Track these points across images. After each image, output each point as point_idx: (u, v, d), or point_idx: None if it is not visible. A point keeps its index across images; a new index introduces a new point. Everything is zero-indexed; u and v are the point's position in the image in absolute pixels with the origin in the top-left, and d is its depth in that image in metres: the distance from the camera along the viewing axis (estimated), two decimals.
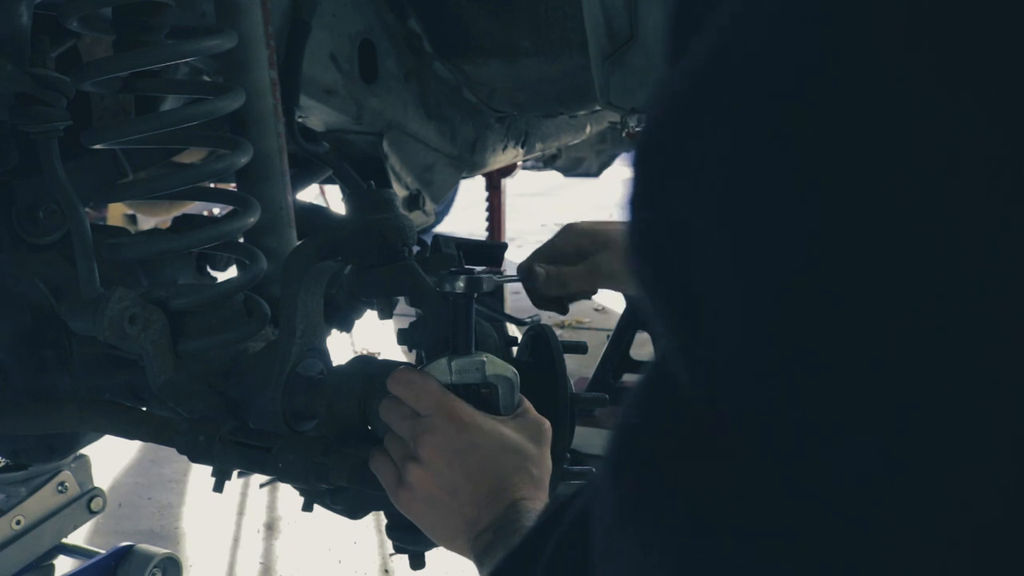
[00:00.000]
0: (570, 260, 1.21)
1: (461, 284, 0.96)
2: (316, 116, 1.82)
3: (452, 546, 0.89)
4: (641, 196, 0.38)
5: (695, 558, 0.34)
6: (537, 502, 0.85)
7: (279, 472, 1.08)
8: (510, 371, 0.95)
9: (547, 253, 1.23)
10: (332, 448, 1.06)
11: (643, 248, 0.37)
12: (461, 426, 0.87)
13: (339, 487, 1.08)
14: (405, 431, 0.89)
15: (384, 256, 1.09)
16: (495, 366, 0.95)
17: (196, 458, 1.14)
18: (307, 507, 1.16)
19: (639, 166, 0.37)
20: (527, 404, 0.94)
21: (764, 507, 0.33)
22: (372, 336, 4.14)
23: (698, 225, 0.34)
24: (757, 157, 0.32)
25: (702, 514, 0.34)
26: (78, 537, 2.21)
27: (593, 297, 1.34)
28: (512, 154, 2.49)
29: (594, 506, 0.42)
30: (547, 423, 0.93)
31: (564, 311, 1.28)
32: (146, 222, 3.08)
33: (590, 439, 3.08)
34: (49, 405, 1.30)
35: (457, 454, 0.86)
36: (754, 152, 0.32)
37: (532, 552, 0.53)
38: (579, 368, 3.28)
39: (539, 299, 1.30)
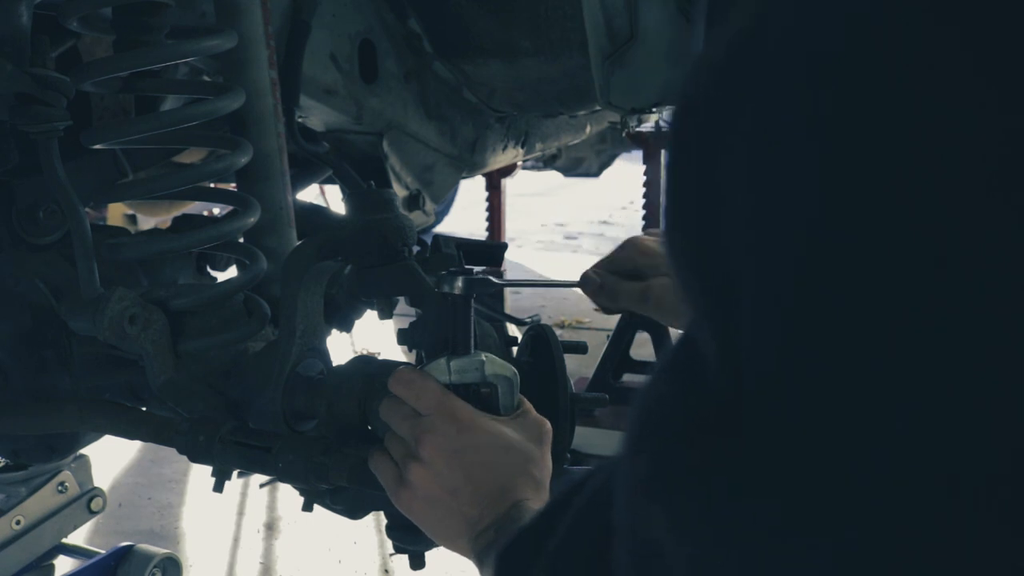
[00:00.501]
0: (628, 275, 1.19)
1: (459, 284, 0.96)
2: (316, 116, 1.82)
3: (453, 546, 0.89)
4: (677, 162, 0.38)
5: (723, 529, 0.35)
6: (538, 503, 0.85)
7: (279, 472, 1.08)
8: (510, 371, 0.95)
9: (607, 263, 1.22)
10: (332, 448, 1.06)
11: (677, 218, 0.38)
12: (461, 426, 0.87)
13: (339, 487, 1.08)
14: (405, 431, 0.89)
15: (384, 256, 1.09)
16: (494, 366, 0.95)
17: (196, 458, 1.14)
18: (307, 507, 1.16)
19: (676, 132, 0.38)
20: (527, 404, 0.94)
21: (788, 481, 0.33)
22: (372, 336, 4.14)
23: (728, 195, 0.34)
24: (778, 135, 0.33)
25: (729, 488, 0.35)
26: (78, 537, 2.21)
27: None
28: (512, 154, 2.49)
29: (616, 479, 0.43)
30: (547, 423, 0.93)
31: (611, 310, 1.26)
32: (146, 222, 3.08)
33: (590, 439, 3.08)
34: (49, 405, 1.30)
35: (457, 454, 0.86)
36: (775, 129, 0.33)
37: (547, 526, 0.54)
38: (579, 368, 3.28)
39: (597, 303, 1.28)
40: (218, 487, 1.16)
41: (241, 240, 1.36)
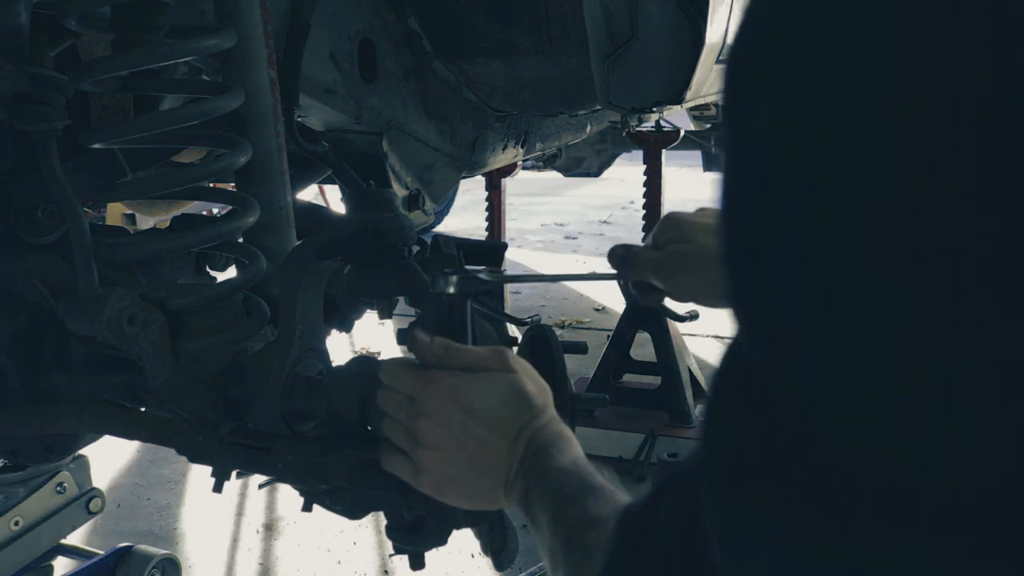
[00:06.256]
0: (657, 246, 1.15)
1: (453, 284, 0.96)
2: (315, 115, 1.81)
3: (495, 505, 0.90)
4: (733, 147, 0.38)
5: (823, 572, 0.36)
6: (546, 422, 0.87)
7: (278, 472, 1.08)
8: None
9: (652, 240, 1.18)
10: (331, 449, 1.06)
11: (732, 249, 0.38)
12: (445, 400, 0.87)
13: (339, 487, 1.07)
14: (403, 418, 0.90)
15: (384, 256, 1.09)
16: None
17: (195, 458, 1.14)
18: (307, 507, 1.16)
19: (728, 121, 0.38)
20: (470, 349, 0.93)
21: (872, 524, 0.34)
22: (372, 336, 4.13)
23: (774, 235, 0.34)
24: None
25: (821, 534, 0.36)
26: (77, 538, 2.21)
27: (593, 297, 1.32)
28: (512, 154, 2.49)
29: (705, 515, 0.44)
30: (500, 347, 0.94)
31: (653, 303, 1.20)
32: (145, 222, 3.07)
33: (590, 439, 3.08)
34: (48, 407, 1.30)
35: (455, 427, 0.87)
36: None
37: (641, 531, 0.56)
38: (579, 368, 3.28)
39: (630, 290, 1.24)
40: (217, 488, 1.16)
41: (240, 240, 1.35)
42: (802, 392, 0.35)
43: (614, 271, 1.18)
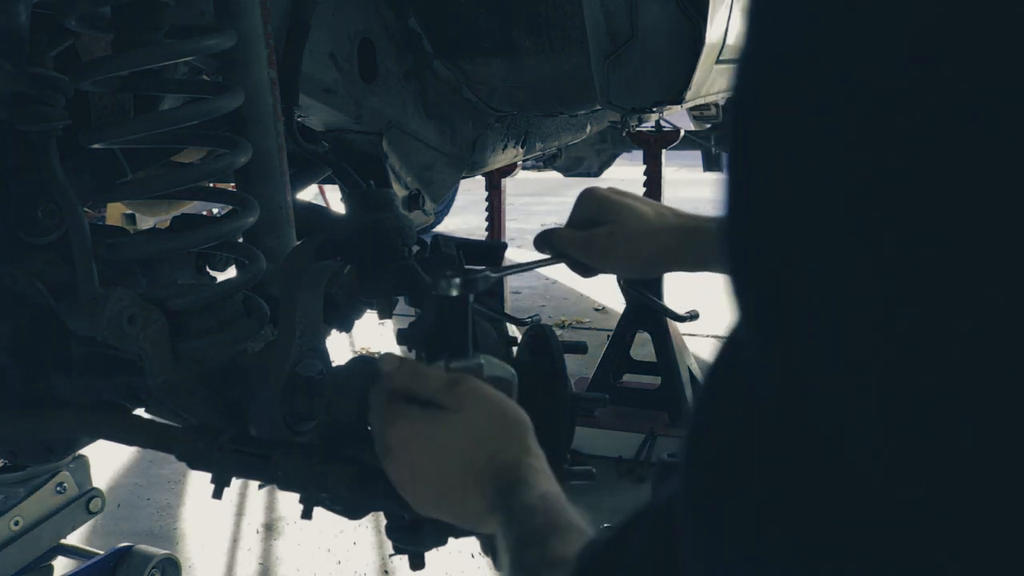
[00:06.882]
0: (583, 226, 1.18)
1: (456, 286, 0.96)
2: (315, 115, 1.81)
3: (486, 531, 0.86)
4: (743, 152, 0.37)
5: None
6: (510, 460, 0.83)
7: (278, 481, 1.08)
8: (508, 373, 0.95)
9: (569, 220, 1.20)
10: (331, 456, 1.06)
11: (741, 248, 0.37)
12: (404, 442, 0.85)
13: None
14: (379, 451, 0.89)
15: (384, 256, 1.09)
16: (493, 368, 0.94)
17: (195, 465, 1.14)
18: (306, 515, 1.16)
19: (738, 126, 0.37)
20: (433, 378, 0.90)
21: (861, 529, 0.33)
22: (372, 336, 4.13)
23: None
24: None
25: (803, 539, 0.35)
26: (77, 538, 2.21)
27: (593, 297, 1.32)
28: (512, 153, 2.49)
29: (680, 523, 0.43)
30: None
31: (585, 274, 1.23)
32: (145, 222, 3.07)
33: (590, 439, 3.08)
34: (48, 412, 1.30)
35: (420, 468, 0.85)
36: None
37: (606, 563, 0.54)
38: (579, 368, 3.28)
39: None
40: (217, 494, 1.15)
41: (240, 240, 1.35)
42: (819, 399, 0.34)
43: (547, 255, 1.19)
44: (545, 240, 1.19)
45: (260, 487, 2.79)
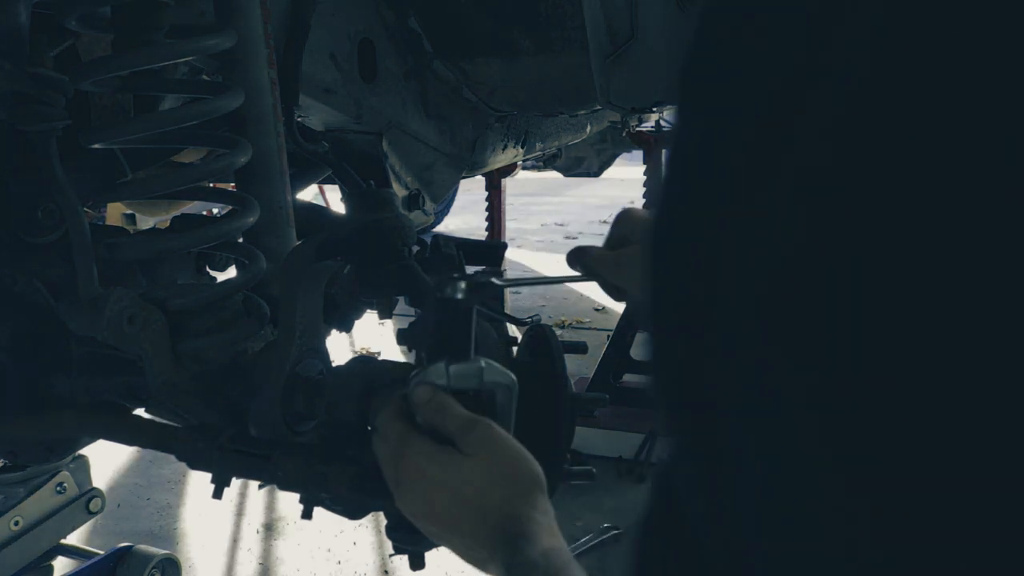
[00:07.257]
0: (613, 245, 1.17)
1: (461, 290, 0.96)
2: (315, 115, 1.82)
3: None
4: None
5: None
6: (514, 512, 0.82)
7: (278, 481, 1.08)
8: (509, 378, 0.94)
9: (607, 239, 1.20)
10: (332, 456, 1.06)
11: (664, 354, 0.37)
12: (417, 477, 0.85)
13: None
14: (390, 473, 0.89)
15: (384, 256, 1.09)
16: (493, 373, 0.94)
17: (195, 465, 1.14)
18: (306, 515, 1.16)
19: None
20: (455, 417, 0.89)
21: None
22: (372, 336, 4.13)
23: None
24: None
25: None
26: (77, 538, 2.21)
27: (593, 297, 1.32)
28: (512, 154, 2.49)
29: None
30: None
31: (618, 297, 1.22)
32: (145, 222, 3.07)
33: (590, 439, 3.08)
34: (48, 413, 1.30)
35: (431, 504, 0.85)
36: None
37: None
38: (579, 368, 3.28)
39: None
40: (217, 495, 1.15)
41: (240, 240, 1.35)
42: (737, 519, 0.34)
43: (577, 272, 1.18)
44: (577, 257, 1.17)
45: (260, 487, 2.80)
